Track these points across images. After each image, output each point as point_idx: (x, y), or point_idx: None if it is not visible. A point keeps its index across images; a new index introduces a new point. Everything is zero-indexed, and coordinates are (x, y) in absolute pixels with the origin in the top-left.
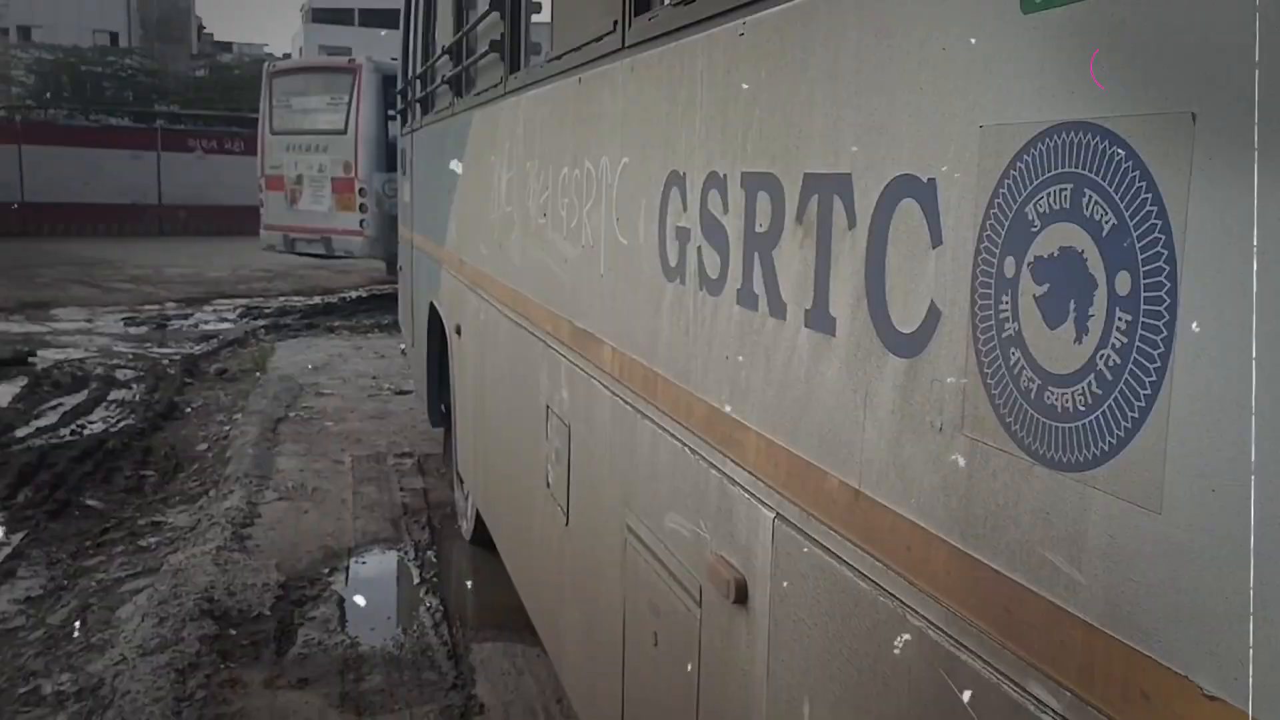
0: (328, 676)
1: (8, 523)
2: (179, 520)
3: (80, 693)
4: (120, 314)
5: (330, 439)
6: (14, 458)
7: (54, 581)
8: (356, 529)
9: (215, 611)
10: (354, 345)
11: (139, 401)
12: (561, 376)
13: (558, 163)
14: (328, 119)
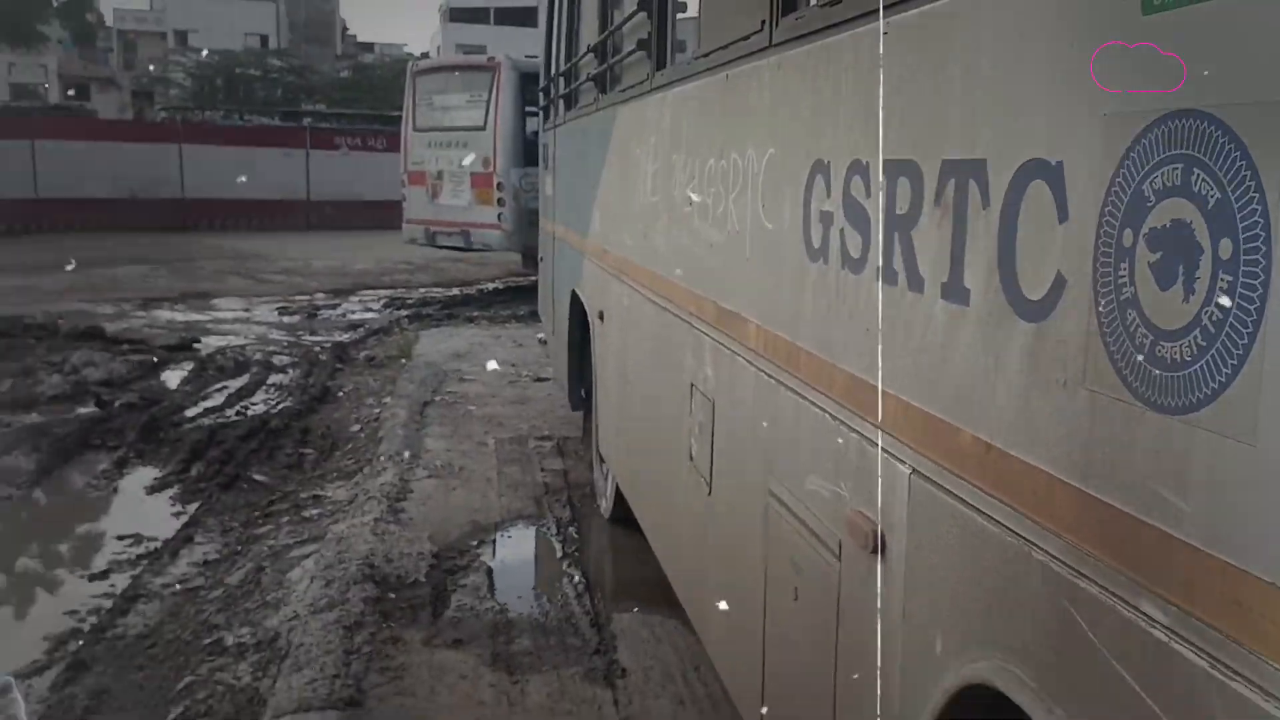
0: (480, 638)
1: (184, 494)
2: (338, 494)
3: (259, 644)
4: (274, 304)
5: (474, 422)
6: (186, 435)
7: (228, 547)
8: (501, 505)
9: (375, 576)
10: (493, 334)
11: (295, 385)
12: (706, 355)
13: (704, 154)
14: (468, 116)
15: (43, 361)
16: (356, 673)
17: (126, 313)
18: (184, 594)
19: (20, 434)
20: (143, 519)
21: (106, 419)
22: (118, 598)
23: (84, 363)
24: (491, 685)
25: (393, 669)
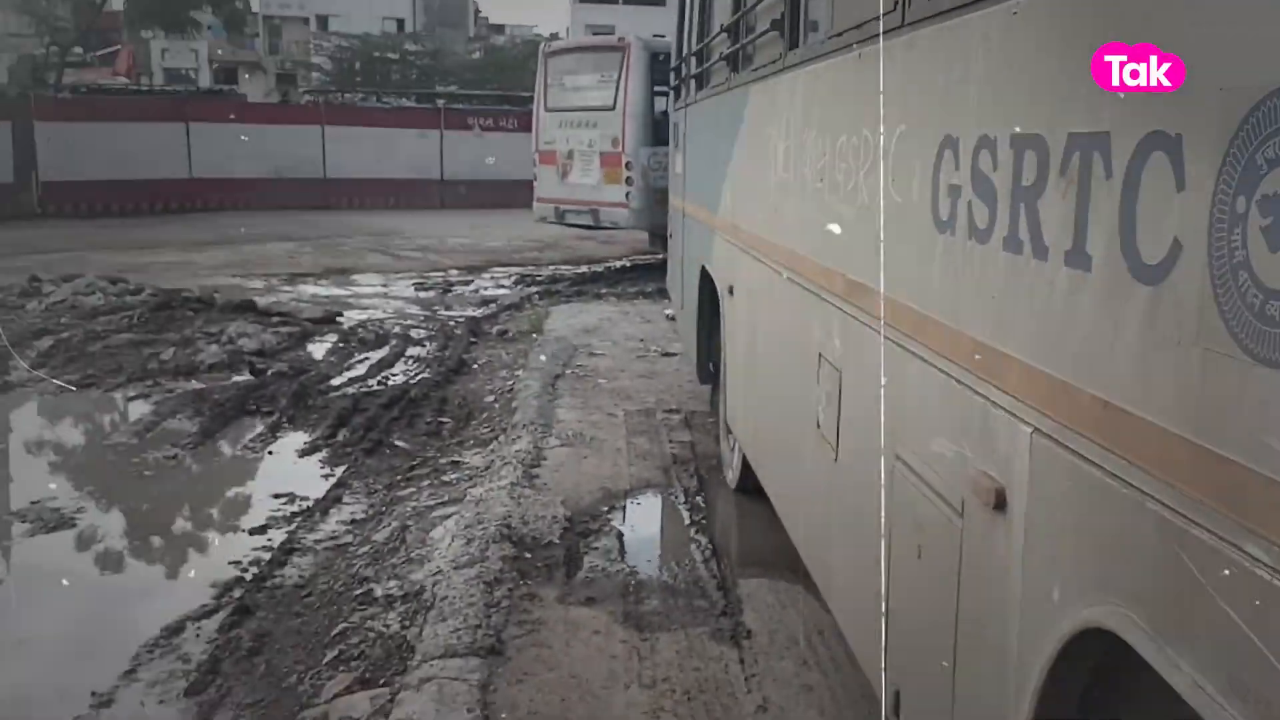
0: (611, 598)
1: (332, 458)
2: (475, 460)
3: (405, 596)
4: (411, 279)
5: (604, 395)
6: (332, 403)
7: (374, 507)
8: (631, 474)
9: (512, 537)
10: (621, 310)
11: (432, 358)
12: (834, 326)
13: (835, 131)
14: (598, 96)
15: (201, 332)
16: (496, 624)
17: (275, 287)
18: (335, 549)
19: (183, 399)
20: (295, 479)
21: (260, 386)
22: (275, 551)
23: (239, 334)
24: (623, 641)
25: (530, 622)
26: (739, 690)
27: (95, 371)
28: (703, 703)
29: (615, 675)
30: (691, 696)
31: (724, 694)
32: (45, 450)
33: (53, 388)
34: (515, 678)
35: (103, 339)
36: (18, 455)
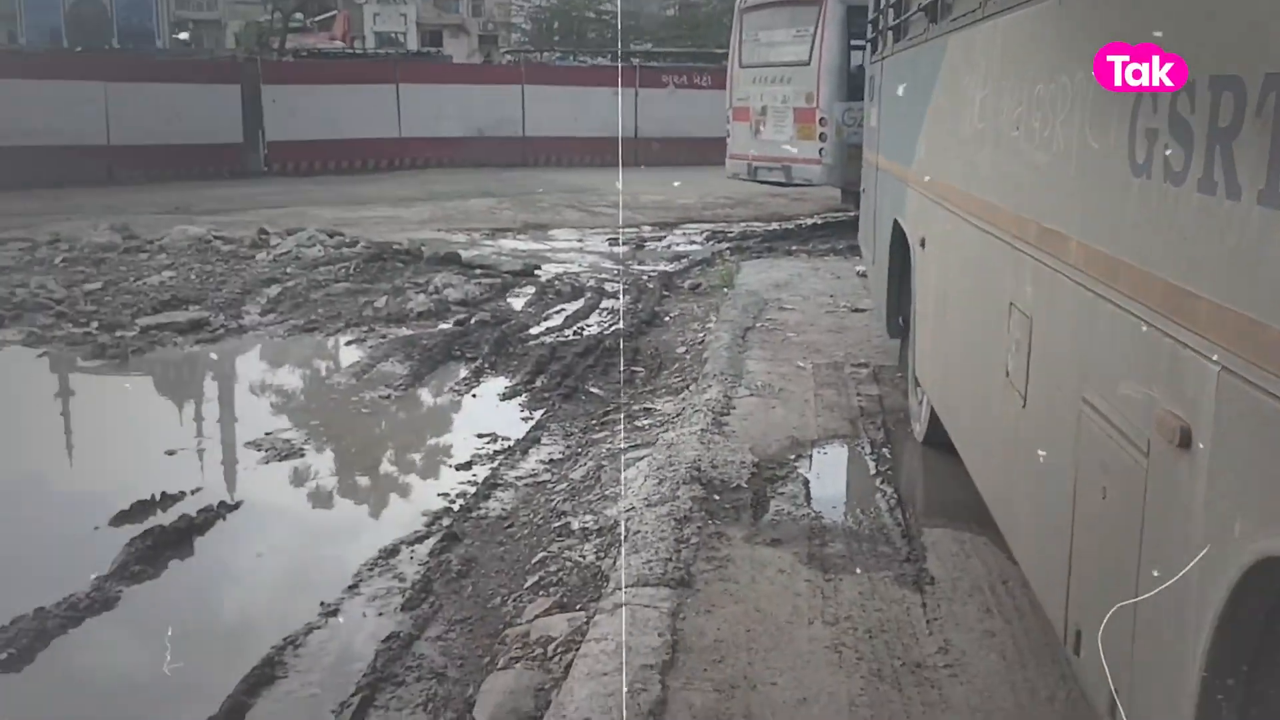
0: (796, 540)
1: (531, 402)
2: (666, 408)
3: (600, 530)
4: (605, 235)
5: (793, 348)
6: (531, 351)
7: (570, 449)
8: (818, 425)
9: (702, 479)
10: (811, 266)
11: (626, 310)
12: (1026, 273)
13: (1033, 80)
14: (793, 51)
15: (410, 282)
16: (686, 559)
17: (477, 241)
18: (534, 485)
19: (395, 344)
20: (497, 421)
21: (465, 334)
22: (480, 485)
23: (444, 284)
24: (807, 580)
25: (718, 559)
26: (920, 632)
27: (317, 317)
28: (884, 641)
29: (799, 611)
30: (873, 635)
31: (905, 634)
32: (275, 387)
33: (281, 331)
34: (703, 608)
35: (323, 287)
36: (252, 391)
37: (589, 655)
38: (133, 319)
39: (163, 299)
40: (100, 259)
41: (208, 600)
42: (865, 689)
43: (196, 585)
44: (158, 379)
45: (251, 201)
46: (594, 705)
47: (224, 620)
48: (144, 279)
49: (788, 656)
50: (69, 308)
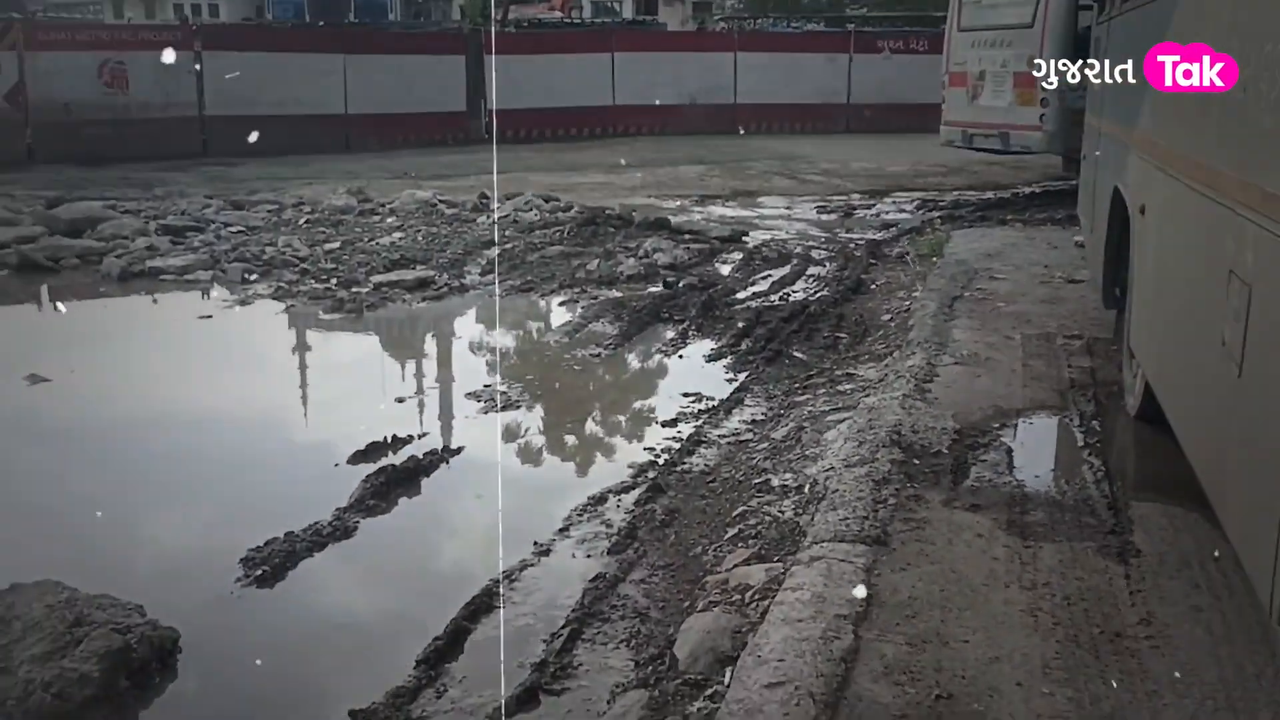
0: (996, 506)
1: (735, 364)
2: (868, 374)
3: (799, 487)
4: (813, 203)
5: (1002, 318)
6: (737, 315)
7: (772, 410)
8: (1024, 395)
9: (901, 443)
10: (1026, 236)
11: (831, 277)
12: (1247, 240)
13: (1262, 39)
14: (1015, 13)
15: (621, 246)
16: (883, 519)
17: (686, 208)
18: (736, 444)
19: (606, 305)
20: (702, 381)
21: (673, 297)
22: (684, 442)
23: (654, 249)
24: (1005, 546)
25: (914, 521)
26: (1122, 603)
27: (533, 278)
28: (1082, 609)
29: (995, 575)
30: (1071, 602)
31: (1105, 604)
32: (493, 344)
33: (500, 291)
34: (898, 566)
35: (539, 250)
36: (472, 346)
37: (785, 603)
38: (367, 276)
39: (393, 258)
40: (338, 221)
41: (432, 534)
42: (1060, 653)
43: (422, 520)
44: (389, 332)
45: (473, 167)
46: (788, 648)
47: (446, 553)
48: (377, 240)
49: (981, 617)
50: (311, 265)
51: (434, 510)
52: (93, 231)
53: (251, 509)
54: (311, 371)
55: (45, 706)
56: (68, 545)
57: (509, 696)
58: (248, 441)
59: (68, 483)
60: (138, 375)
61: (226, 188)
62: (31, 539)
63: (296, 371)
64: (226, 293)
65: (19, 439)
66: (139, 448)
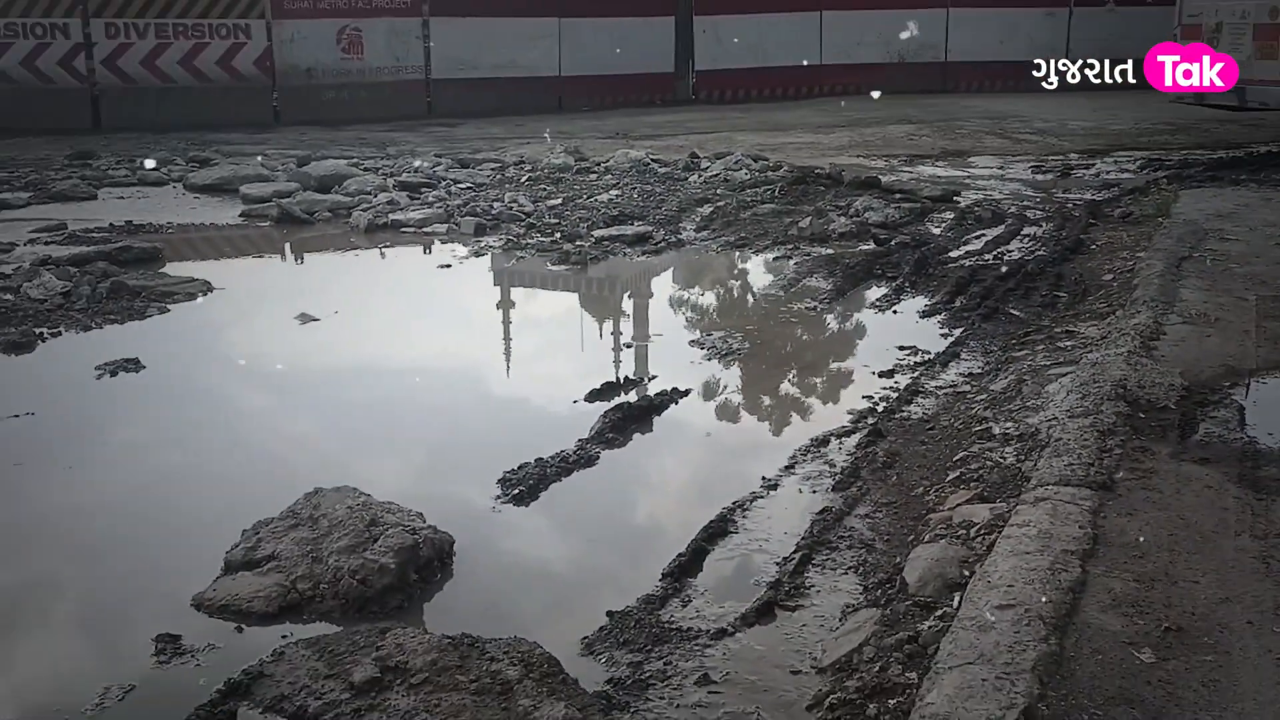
0: (1226, 460)
1: (950, 320)
2: (1089, 331)
3: (1021, 436)
4: (1028, 162)
5: (1234, 279)
6: (950, 273)
7: (989, 364)
8: (1259, 356)
9: (1127, 397)
10: (1262, 197)
11: (1048, 237)
12: None
13: None
14: None
15: (832, 205)
16: (1108, 466)
17: (895, 167)
18: (954, 395)
19: (818, 261)
20: (916, 336)
21: (885, 254)
22: (901, 391)
23: (864, 208)
24: (1236, 497)
25: (1141, 470)
26: None
27: (745, 235)
28: None
29: (1225, 524)
30: None
31: None
32: (712, 295)
33: (714, 246)
34: (1124, 510)
35: (750, 208)
36: (692, 297)
37: (1011, 537)
38: (588, 231)
39: (612, 214)
40: (558, 178)
41: (666, 465)
42: None
43: (656, 453)
44: (612, 283)
45: (681, 128)
46: (1017, 576)
47: (678, 483)
48: (594, 196)
49: (1211, 561)
50: (536, 220)
51: (666, 445)
52: (339, 187)
53: (503, 437)
54: (544, 317)
55: (352, 591)
56: (353, 459)
57: (748, 609)
58: (493, 379)
59: (346, 408)
60: (392, 317)
61: (451, 147)
62: (319, 454)
63: (531, 317)
64: (460, 245)
65: (299, 371)
66: (399, 380)
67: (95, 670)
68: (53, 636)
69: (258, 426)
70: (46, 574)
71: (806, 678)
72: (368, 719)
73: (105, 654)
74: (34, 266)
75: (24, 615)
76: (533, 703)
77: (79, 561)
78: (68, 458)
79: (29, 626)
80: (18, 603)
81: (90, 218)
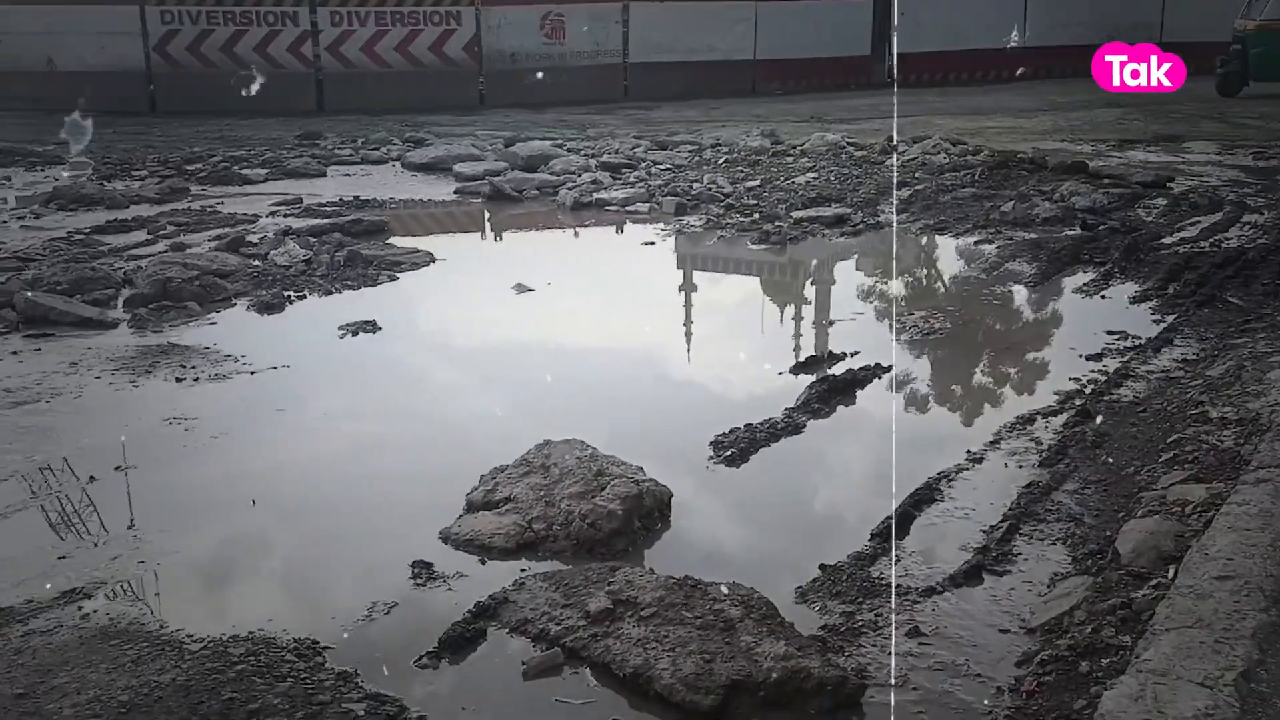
0: None
1: (1162, 307)
2: None
3: (1240, 420)
4: (1248, 149)
5: None
6: (1163, 260)
7: (1205, 350)
8: None
9: None
10: None
11: (1271, 225)
12: None
13: None
14: None
15: (1035, 190)
16: None
17: (1103, 152)
18: (1166, 380)
19: (1022, 245)
20: (1127, 321)
21: (1092, 240)
22: (1110, 375)
23: (1070, 193)
24: None
25: None
26: None
27: (945, 218)
28: None
29: None
30: None
31: None
32: (912, 276)
33: (914, 229)
34: None
35: (950, 191)
36: (892, 277)
37: (1230, 514)
38: (787, 212)
39: (809, 196)
40: (754, 161)
41: (868, 436)
42: None
43: (859, 424)
44: (812, 263)
45: (876, 111)
46: (1236, 550)
47: (881, 453)
48: (791, 179)
49: None
50: (735, 200)
51: (869, 417)
52: (545, 167)
53: (712, 404)
54: (746, 293)
55: (582, 533)
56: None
57: (955, 571)
58: (699, 349)
59: (563, 370)
60: (600, 288)
61: (649, 129)
62: (541, 411)
63: (733, 292)
64: (662, 224)
65: (517, 336)
66: (611, 347)
67: (363, 588)
68: (324, 557)
69: (483, 383)
70: (315, 504)
71: (1015, 637)
72: (603, 644)
73: (370, 575)
74: (278, 236)
75: (299, 539)
76: (754, 639)
77: (340, 495)
78: (321, 406)
79: (305, 547)
80: (294, 528)
81: (320, 193)
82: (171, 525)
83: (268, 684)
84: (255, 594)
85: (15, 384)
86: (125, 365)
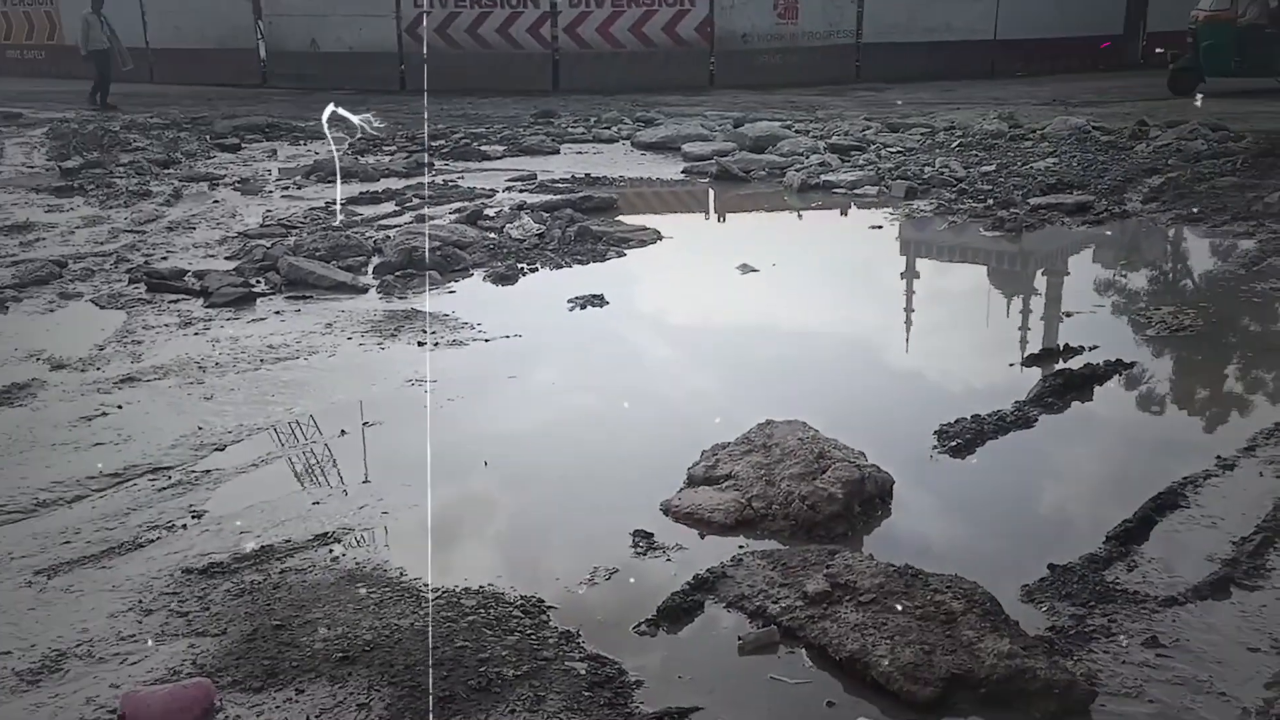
0: None
1: None
2: None
3: None
4: None
5: None
6: None
7: None
8: None
9: None
10: None
11: None
12: None
13: None
14: None
15: None
16: None
17: None
18: None
19: None
20: None
21: None
22: None
23: None
24: None
25: None
26: None
27: (1201, 208)
28: None
29: None
30: None
31: None
32: (1159, 271)
33: (1164, 219)
34: None
35: (1206, 180)
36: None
37: None
38: (1023, 198)
39: (1049, 182)
40: (990, 145)
41: (1106, 434)
42: None
43: (1096, 421)
44: (1050, 252)
45: (1127, 94)
46: None
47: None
48: (1030, 164)
49: None
50: (968, 185)
51: (1107, 415)
52: (772, 148)
53: (939, 392)
54: (977, 281)
55: (801, 514)
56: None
57: (1200, 581)
58: (927, 336)
59: (786, 351)
60: (826, 271)
61: (879, 111)
62: (764, 389)
63: (964, 280)
64: (890, 208)
65: (742, 315)
66: (836, 329)
67: (585, 553)
68: (549, 521)
69: (704, 361)
70: (541, 470)
71: (1265, 656)
72: (820, 626)
73: (591, 541)
74: (513, 211)
75: (526, 502)
76: (976, 635)
77: (565, 463)
78: (549, 376)
79: (531, 510)
80: (521, 491)
81: (553, 169)
82: (411, 480)
83: (496, 636)
84: (485, 551)
85: (278, 341)
86: (374, 328)
